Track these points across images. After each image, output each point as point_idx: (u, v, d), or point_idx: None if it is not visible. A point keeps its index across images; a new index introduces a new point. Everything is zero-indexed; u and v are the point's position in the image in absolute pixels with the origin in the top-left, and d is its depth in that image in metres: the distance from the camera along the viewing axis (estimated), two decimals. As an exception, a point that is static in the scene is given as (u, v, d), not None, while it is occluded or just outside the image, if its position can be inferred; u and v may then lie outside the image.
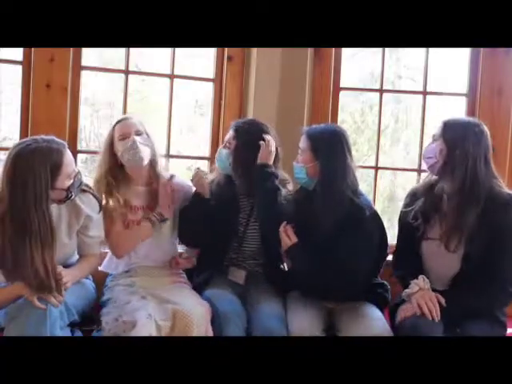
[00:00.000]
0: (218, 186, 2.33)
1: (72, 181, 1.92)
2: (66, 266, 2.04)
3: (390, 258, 2.29)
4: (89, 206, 2.07)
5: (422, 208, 2.11)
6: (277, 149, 2.29)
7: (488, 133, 2.05)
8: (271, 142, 2.24)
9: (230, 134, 2.32)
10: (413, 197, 2.19)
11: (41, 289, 1.81)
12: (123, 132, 2.22)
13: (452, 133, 2.03)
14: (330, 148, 2.11)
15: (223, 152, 2.31)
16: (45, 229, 1.82)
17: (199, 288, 2.23)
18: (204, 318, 1.99)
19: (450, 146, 2.02)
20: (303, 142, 2.18)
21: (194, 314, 1.96)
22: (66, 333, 1.93)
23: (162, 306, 2.01)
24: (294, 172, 2.22)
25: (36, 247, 1.80)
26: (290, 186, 2.36)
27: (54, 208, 1.93)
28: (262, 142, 2.22)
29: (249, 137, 2.26)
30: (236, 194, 2.32)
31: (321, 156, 2.11)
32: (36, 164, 1.80)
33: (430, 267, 2.13)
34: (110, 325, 1.95)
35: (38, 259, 1.80)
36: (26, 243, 1.79)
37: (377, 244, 2.15)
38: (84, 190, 2.06)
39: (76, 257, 2.16)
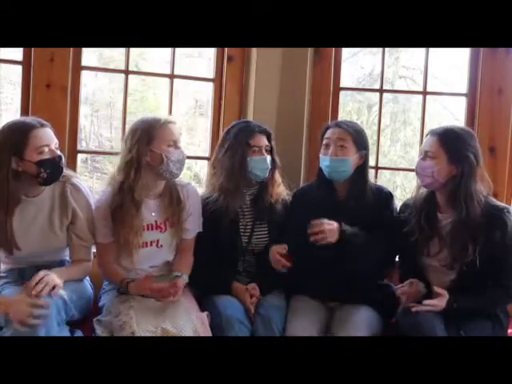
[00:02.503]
0: (216, 205, 2.21)
1: (44, 157, 1.92)
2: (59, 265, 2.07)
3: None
4: (77, 201, 2.07)
5: (417, 224, 2.08)
6: (274, 158, 2.26)
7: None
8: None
9: (262, 138, 2.22)
10: (407, 211, 2.15)
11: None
12: (176, 138, 2.07)
13: (454, 155, 1.97)
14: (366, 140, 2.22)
15: (268, 159, 2.23)
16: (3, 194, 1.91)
17: (203, 295, 2.18)
18: (196, 334, 1.93)
19: (454, 169, 1.98)
20: (341, 134, 2.15)
21: (183, 333, 1.90)
22: (64, 329, 1.92)
23: (150, 317, 1.95)
24: (332, 166, 2.15)
25: None
26: (284, 192, 2.31)
27: (47, 197, 2.03)
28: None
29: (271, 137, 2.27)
30: (235, 209, 2.22)
31: (363, 147, 2.17)
32: (4, 132, 1.92)
33: (427, 276, 2.13)
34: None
35: None
36: None
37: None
38: (76, 188, 2.07)
39: (67, 256, 2.16)
